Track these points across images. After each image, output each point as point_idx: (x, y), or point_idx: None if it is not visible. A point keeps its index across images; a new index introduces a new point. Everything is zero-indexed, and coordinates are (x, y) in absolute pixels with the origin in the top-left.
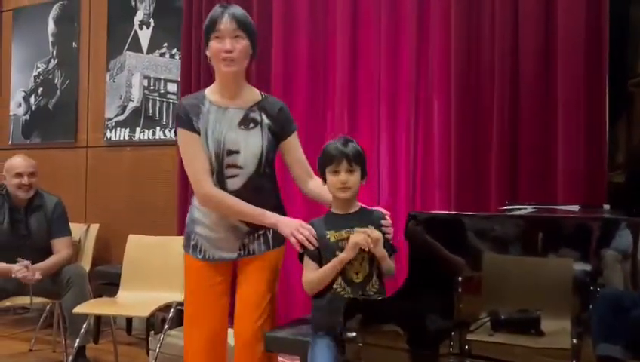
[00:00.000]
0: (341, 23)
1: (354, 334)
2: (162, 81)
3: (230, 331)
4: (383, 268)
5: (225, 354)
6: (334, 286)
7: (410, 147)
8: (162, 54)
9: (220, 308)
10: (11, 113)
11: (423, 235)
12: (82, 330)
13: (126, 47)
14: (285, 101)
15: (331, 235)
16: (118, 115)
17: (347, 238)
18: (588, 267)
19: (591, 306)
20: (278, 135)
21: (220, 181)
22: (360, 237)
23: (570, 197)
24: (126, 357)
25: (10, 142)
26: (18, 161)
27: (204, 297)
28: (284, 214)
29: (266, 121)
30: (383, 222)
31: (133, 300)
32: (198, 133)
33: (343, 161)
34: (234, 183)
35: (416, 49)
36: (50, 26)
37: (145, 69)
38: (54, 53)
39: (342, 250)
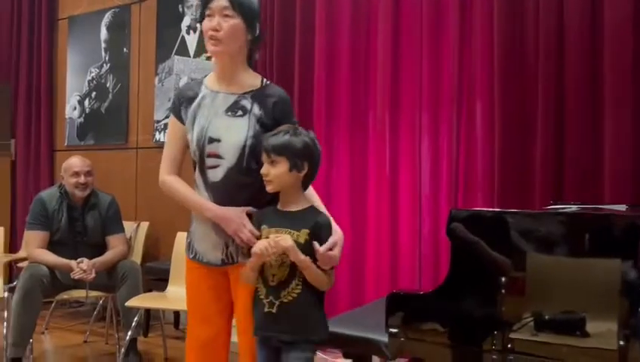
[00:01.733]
0: (383, 25)
1: (396, 329)
2: None
3: None
4: (307, 277)
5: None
6: (257, 284)
7: (452, 147)
8: (208, 58)
9: (214, 314)
10: (67, 116)
11: (465, 232)
12: (133, 323)
13: (174, 51)
14: (327, 104)
15: (264, 231)
16: (166, 117)
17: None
18: (636, 267)
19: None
20: (270, 129)
21: (202, 171)
22: (262, 245)
23: (617, 197)
24: (174, 349)
25: (66, 144)
26: (75, 161)
27: (195, 300)
28: None
29: (256, 111)
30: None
31: (182, 295)
32: (182, 122)
33: (262, 152)
34: (215, 175)
35: (459, 49)
36: (103, 33)
37: (192, 72)
38: (107, 58)
39: None
